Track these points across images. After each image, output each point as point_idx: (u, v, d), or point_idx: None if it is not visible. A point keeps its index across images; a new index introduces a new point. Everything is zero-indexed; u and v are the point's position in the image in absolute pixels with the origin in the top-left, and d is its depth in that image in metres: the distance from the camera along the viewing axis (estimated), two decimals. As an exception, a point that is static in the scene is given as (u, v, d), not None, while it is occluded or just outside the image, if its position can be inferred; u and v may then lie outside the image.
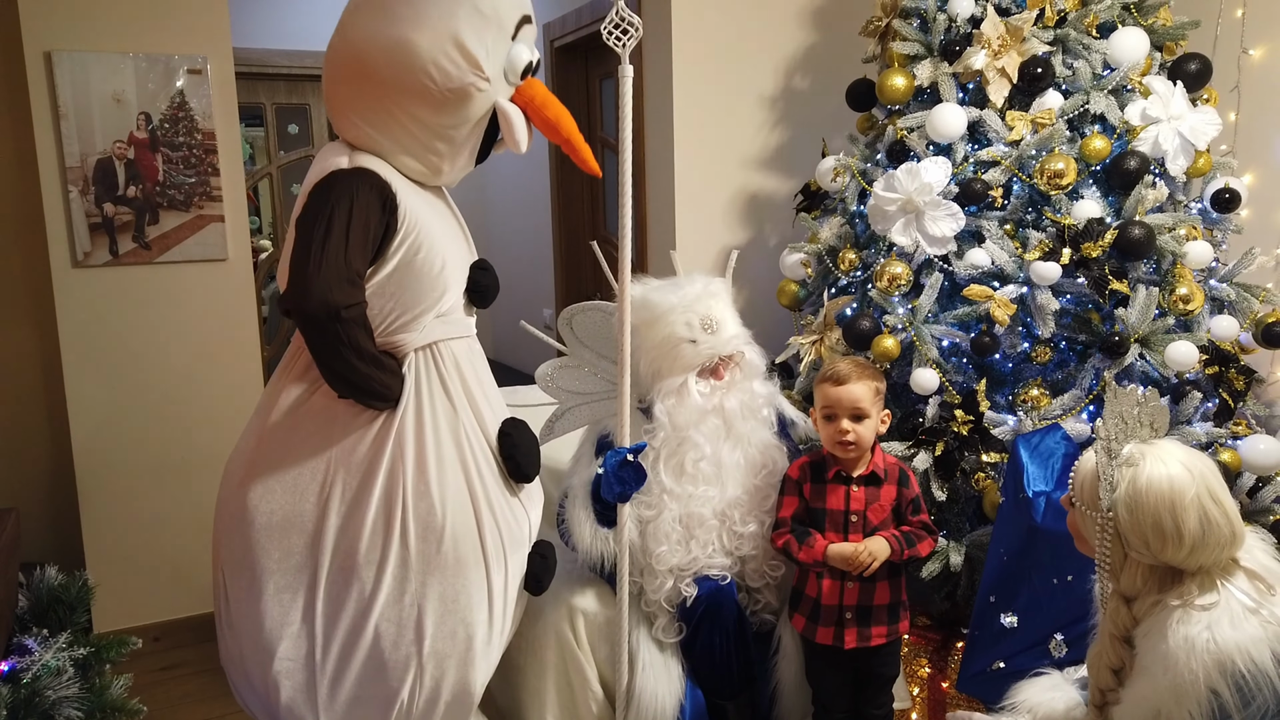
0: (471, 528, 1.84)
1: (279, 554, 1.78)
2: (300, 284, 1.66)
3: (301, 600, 1.79)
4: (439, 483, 1.81)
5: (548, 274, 5.14)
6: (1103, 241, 2.35)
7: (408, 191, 1.81)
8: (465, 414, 1.88)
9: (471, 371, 1.93)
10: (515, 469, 1.95)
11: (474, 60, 1.76)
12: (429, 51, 1.73)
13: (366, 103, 1.79)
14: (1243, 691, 1.40)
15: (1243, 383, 2.45)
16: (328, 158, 1.81)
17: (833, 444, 2.08)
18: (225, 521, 1.85)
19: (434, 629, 1.81)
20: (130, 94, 2.96)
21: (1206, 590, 1.46)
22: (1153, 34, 2.59)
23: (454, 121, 1.81)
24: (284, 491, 1.79)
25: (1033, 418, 2.40)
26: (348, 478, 1.78)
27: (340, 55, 1.80)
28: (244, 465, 1.84)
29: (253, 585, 1.79)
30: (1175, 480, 1.47)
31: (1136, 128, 2.46)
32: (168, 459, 3.14)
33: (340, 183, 1.73)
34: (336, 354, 1.69)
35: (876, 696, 2.18)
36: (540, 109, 1.88)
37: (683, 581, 2.18)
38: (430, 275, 1.82)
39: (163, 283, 3.08)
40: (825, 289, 2.82)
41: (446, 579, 1.82)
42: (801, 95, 3.50)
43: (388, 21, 1.74)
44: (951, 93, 2.60)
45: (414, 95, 1.76)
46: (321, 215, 1.69)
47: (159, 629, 3.14)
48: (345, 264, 1.67)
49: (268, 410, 1.85)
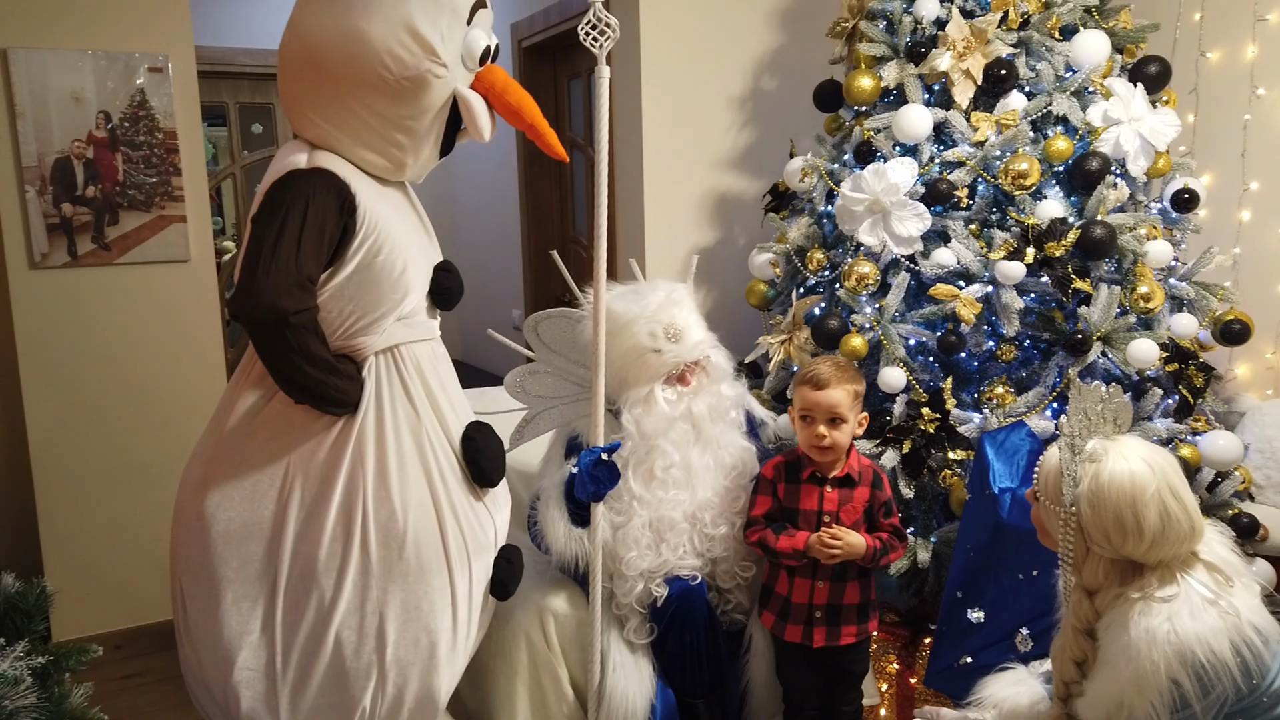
0: (434, 533, 1.82)
1: (237, 562, 1.75)
2: (248, 288, 1.62)
3: (261, 609, 1.76)
4: (400, 488, 1.79)
5: (516, 274, 5.12)
6: (1065, 241, 2.38)
7: (368, 191, 1.78)
8: (428, 418, 1.86)
9: (434, 375, 1.90)
10: (479, 473, 1.93)
11: (429, 46, 1.73)
12: (382, 40, 1.70)
13: (323, 98, 1.75)
14: (1203, 681, 1.42)
15: (1202, 379, 2.50)
16: (285, 156, 1.77)
17: (809, 447, 2.09)
18: (182, 529, 1.81)
19: (396, 636, 1.79)
20: (89, 92, 2.91)
21: (1166, 583, 1.49)
22: (1114, 37, 2.63)
23: (413, 111, 1.78)
24: (241, 498, 1.76)
25: (998, 415, 2.43)
26: (306, 484, 1.76)
27: (293, 51, 1.77)
28: (200, 472, 1.80)
29: (211, 594, 1.75)
30: (1136, 476, 1.49)
31: (1098, 129, 2.50)
32: (128, 464, 3.08)
33: (296, 183, 1.69)
34: (287, 360, 1.66)
35: (846, 693, 2.20)
36: (501, 94, 1.85)
37: (653, 583, 2.18)
38: (391, 278, 1.79)
39: (123, 284, 3.03)
40: (794, 289, 2.83)
41: (409, 585, 1.79)
42: (769, 96, 3.51)
43: (338, 12, 1.71)
44: (917, 94, 2.63)
45: (370, 87, 1.72)
46: (275, 217, 1.66)
47: (120, 637, 3.08)
48: (296, 268, 1.64)
49: (224, 416, 1.82)
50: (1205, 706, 1.44)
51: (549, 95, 4.61)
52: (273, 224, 1.65)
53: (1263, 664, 1.46)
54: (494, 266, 5.57)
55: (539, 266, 4.87)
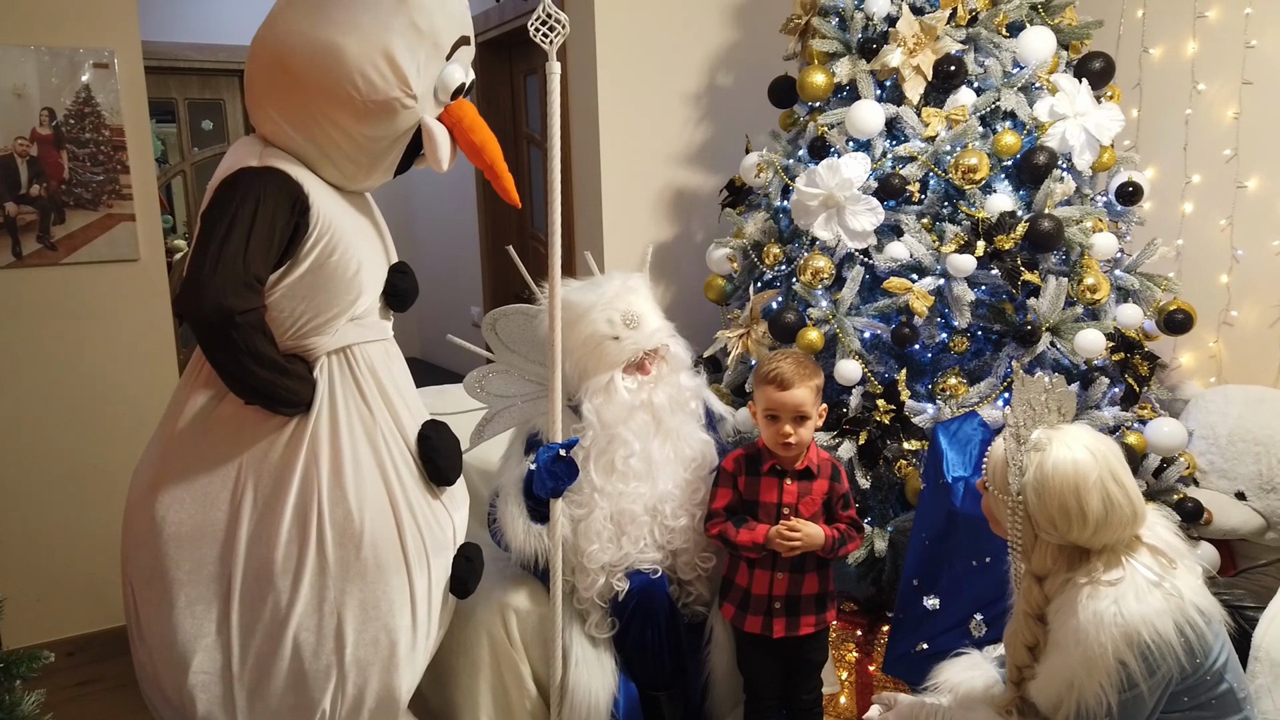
0: (391, 532, 1.82)
1: (190, 565, 1.73)
2: (194, 287, 1.61)
3: (215, 611, 1.74)
4: (355, 487, 1.78)
5: (475, 271, 5.10)
6: (1014, 234, 2.43)
7: (321, 192, 1.77)
8: (382, 417, 1.85)
9: (388, 375, 1.90)
10: (435, 472, 1.92)
11: (402, 76, 1.73)
12: (357, 60, 1.69)
13: (287, 101, 1.75)
14: (1148, 661, 1.47)
15: (1147, 368, 2.56)
16: (237, 153, 1.76)
17: (775, 444, 2.11)
18: (133, 533, 1.79)
19: (355, 636, 1.78)
20: (32, 88, 2.84)
21: (1112, 567, 1.53)
22: (1059, 33, 2.69)
23: (376, 134, 1.78)
24: (193, 500, 1.74)
25: (951, 406, 2.47)
26: (259, 484, 1.74)
27: (266, 47, 1.75)
28: (150, 474, 1.78)
29: (164, 598, 1.73)
30: (1079, 464, 1.53)
31: (1045, 124, 2.55)
32: (79, 467, 3.03)
33: (246, 181, 1.68)
34: (235, 360, 1.65)
35: (806, 682, 2.23)
36: (467, 132, 1.86)
37: (614, 576, 2.19)
38: (344, 278, 1.78)
39: (71, 285, 2.96)
40: (751, 283, 2.85)
41: (366, 585, 1.79)
42: (725, 92, 3.53)
43: (319, 22, 1.70)
44: (869, 90, 2.66)
45: (336, 101, 1.72)
46: (224, 216, 1.64)
47: (73, 644, 3.03)
48: (244, 268, 1.63)
49: (174, 417, 1.80)
50: (1151, 686, 1.49)
51: (505, 91, 4.59)
52: (221, 222, 1.64)
53: (1205, 643, 1.51)
54: (452, 263, 5.54)
55: (497, 263, 4.85)
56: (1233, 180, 2.90)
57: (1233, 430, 2.68)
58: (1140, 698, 1.48)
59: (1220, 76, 2.90)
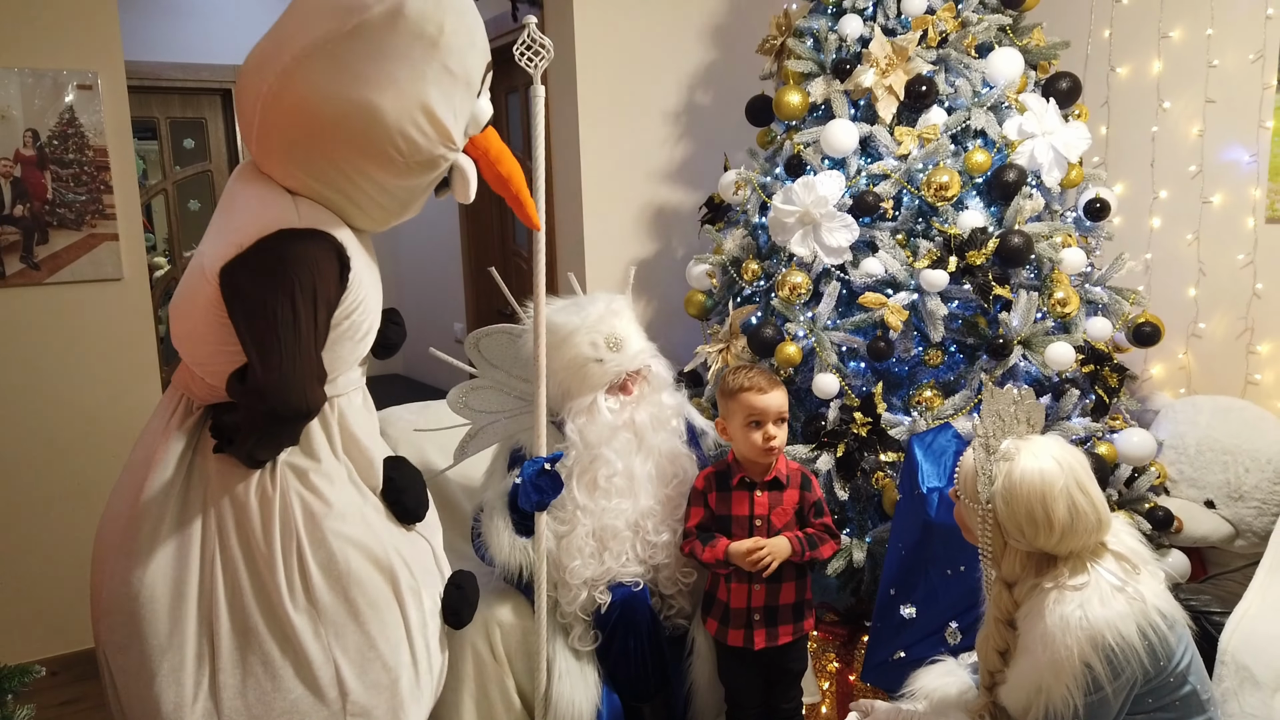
0: (377, 569, 1.74)
1: (168, 628, 1.62)
2: (275, 385, 1.50)
3: (204, 676, 1.63)
4: (335, 530, 1.70)
5: (458, 288, 5.13)
6: (986, 250, 2.48)
7: (355, 249, 1.69)
8: (356, 459, 1.80)
9: (356, 416, 1.82)
10: (404, 513, 1.86)
11: (444, 131, 1.63)
12: (396, 120, 1.57)
13: (313, 159, 1.61)
14: (1113, 664, 1.51)
15: (1116, 380, 2.62)
16: (268, 205, 1.62)
17: (759, 451, 2.14)
18: (103, 599, 1.67)
19: (356, 682, 1.70)
20: (16, 110, 2.86)
21: (1078, 573, 1.58)
22: (1027, 54, 2.76)
23: (414, 184, 1.71)
24: (167, 560, 1.63)
25: (927, 418, 2.52)
26: (236, 531, 1.65)
27: (286, 105, 1.57)
28: (119, 535, 1.66)
29: (143, 667, 1.62)
30: (1046, 473, 1.58)
31: (1014, 142, 2.62)
32: (62, 487, 3.03)
33: (296, 250, 1.55)
34: (277, 444, 1.60)
35: (786, 691, 2.26)
36: (494, 163, 1.81)
37: (596, 590, 2.22)
38: (355, 338, 1.73)
39: (54, 304, 2.98)
40: (730, 299, 2.90)
41: (362, 626, 1.71)
42: (704, 111, 3.59)
43: (349, 82, 1.54)
44: (844, 109, 2.72)
45: (374, 162, 1.61)
46: (283, 295, 1.52)
47: (55, 663, 3.02)
48: (318, 359, 1.55)
49: (142, 468, 1.69)
50: (1116, 688, 1.53)
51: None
52: (283, 302, 1.52)
53: (1168, 646, 1.56)
54: (435, 281, 5.57)
55: (480, 280, 4.88)
56: (1198, 196, 2.97)
57: (1201, 440, 2.74)
58: (1105, 700, 1.52)
59: (1185, 95, 2.98)
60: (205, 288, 1.59)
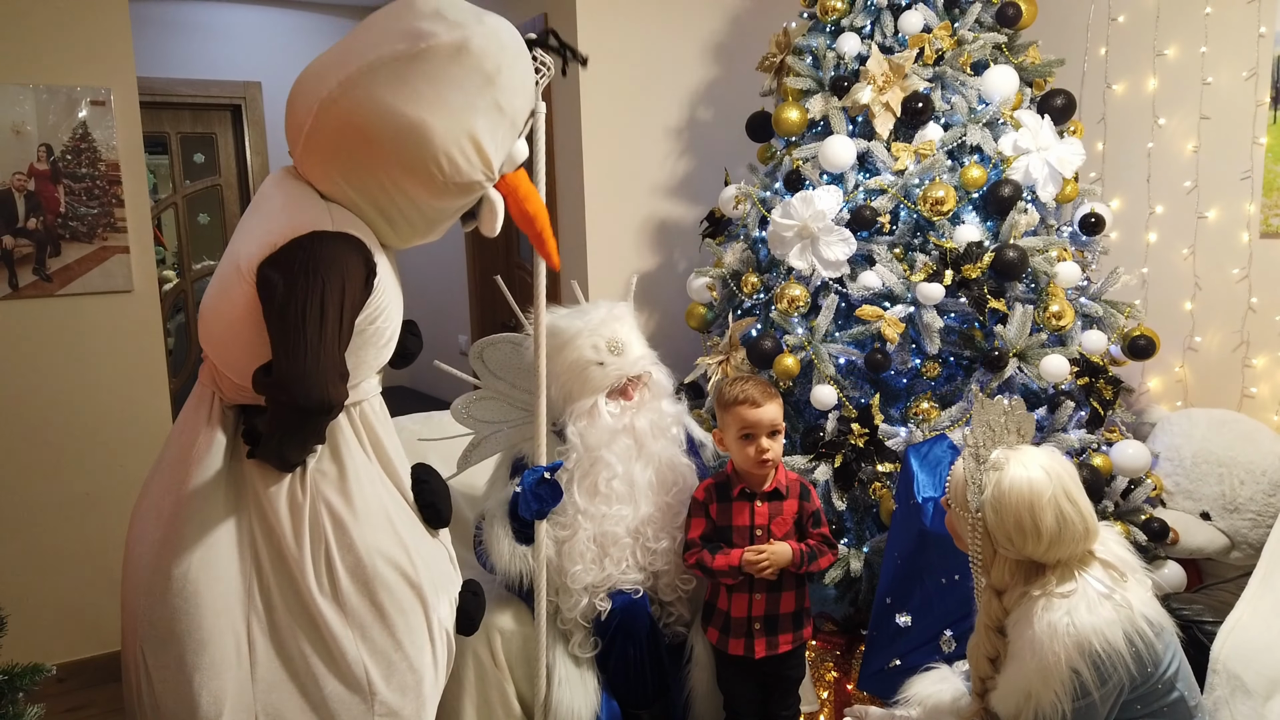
0: (403, 574, 1.79)
1: (210, 623, 1.65)
2: (297, 378, 1.54)
3: (242, 671, 1.67)
4: (362, 535, 1.74)
5: (462, 300, 5.18)
6: (981, 263, 2.52)
7: (382, 259, 1.74)
8: (377, 464, 1.84)
9: (380, 421, 1.88)
10: (435, 515, 1.91)
11: (486, 159, 1.72)
12: (443, 141, 1.65)
13: (357, 167, 1.68)
14: (1100, 670, 1.54)
15: (1111, 392, 2.64)
16: (303, 207, 1.68)
17: (753, 463, 2.18)
18: (143, 592, 1.69)
19: (383, 684, 1.74)
20: (31, 125, 2.92)
21: (1065, 580, 1.61)
22: (1023, 71, 2.81)
23: (447, 206, 1.77)
24: (211, 555, 1.67)
25: (924, 429, 2.55)
26: (269, 535, 1.70)
27: (342, 110, 1.64)
28: (162, 529, 1.69)
29: (183, 661, 1.65)
30: (1034, 483, 1.61)
31: (1009, 158, 2.66)
32: (72, 495, 3.07)
33: (328, 251, 1.61)
34: (304, 443, 1.63)
35: (784, 699, 2.29)
36: (521, 201, 1.88)
37: (597, 597, 2.25)
38: (378, 344, 1.77)
39: (65, 315, 3.03)
40: (730, 311, 2.94)
41: (390, 629, 1.75)
42: (705, 127, 3.64)
43: (407, 97, 1.62)
44: (841, 125, 2.76)
45: (416, 178, 1.68)
46: (312, 292, 1.57)
47: (64, 670, 3.05)
48: (340, 357, 1.59)
49: (181, 464, 1.72)
50: (1103, 694, 1.56)
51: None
52: (311, 300, 1.57)
53: (1154, 653, 1.59)
54: (440, 292, 5.61)
55: (484, 292, 4.93)
56: (1194, 211, 3.01)
57: (1197, 452, 2.77)
58: (1093, 706, 1.55)
59: (1180, 111, 3.02)
60: (242, 285, 1.64)
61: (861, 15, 2.82)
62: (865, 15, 2.83)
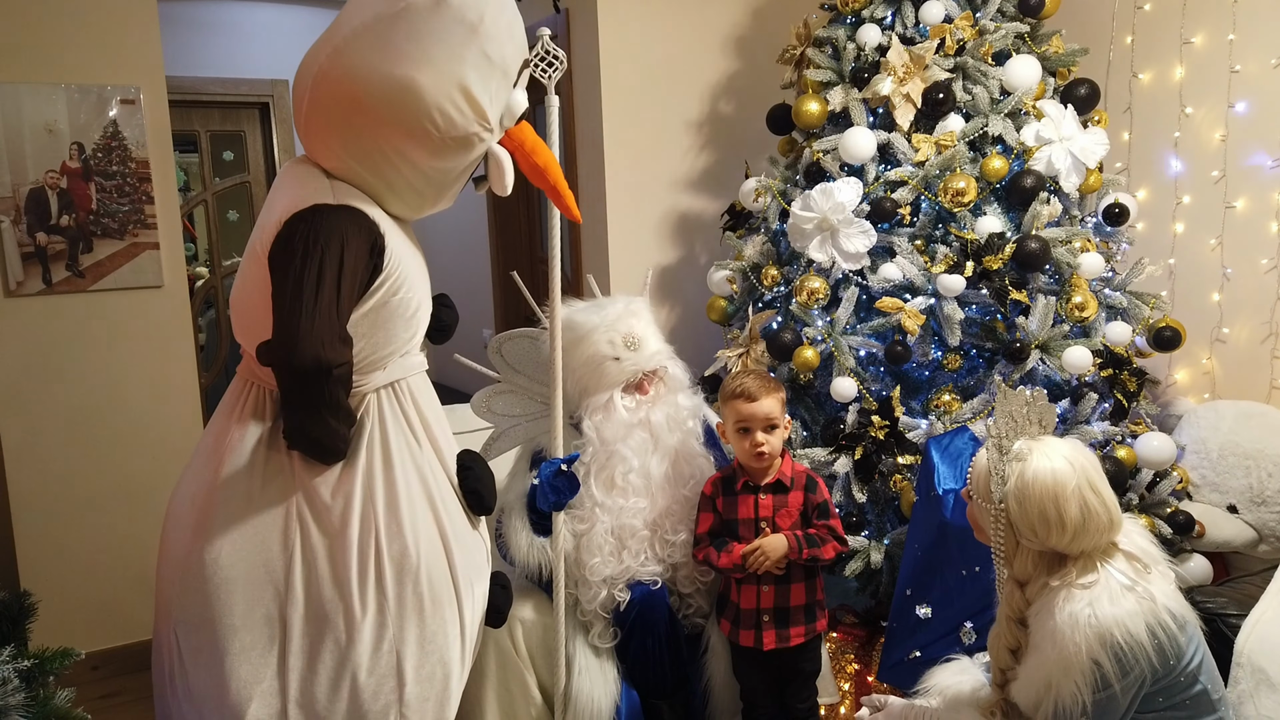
0: (443, 564, 1.79)
1: (243, 608, 1.67)
2: (290, 338, 1.55)
3: (272, 656, 1.68)
4: (411, 522, 1.75)
5: (486, 294, 5.21)
6: (1003, 255, 2.51)
7: (391, 230, 1.74)
8: (427, 448, 1.84)
9: (429, 406, 1.89)
10: (479, 502, 1.90)
11: (480, 110, 1.70)
12: (434, 96, 1.65)
13: (356, 137, 1.69)
14: (1121, 662, 1.53)
15: (1135, 384, 2.62)
16: (304, 185, 1.70)
17: (749, 456, 2.19)
18: (178, 576, 1.71)
19: (413, 674, 1.74)
20: (63, 124, 2.98)
21: (1088, 571, 1.60)
22: (1045, 61, 2.78)
23: (448, 166, 1.76)
24: (245, 541, 1.68)
25: (945, 421, 2.54)
26: (316, 522, 1.70)
27: (331, 81, 1.67)
28: (195, 515, 1.71)
29: (215, 644, 1.67)
30: (1058, 473, 1.61)
31: (1031, 148, 2.64)
32: (103, 487, 3.13)
33: (327, 222, 1.62)
34: (314, 411, 1.62)
35: (800, 691, 2.29)
36: (530, 154, 1.86)
37: (615, 589, 2.26)
38: (405, 316, 1.77)
39: (97, 311, 3.09)
40: (750, 304, 2.94)
41: (424, 620, 1.76)
42: (725, 120, 3.64)
43: (390, 57, 1.63)
44: (862, 117, 2.76)
45: (412, 138, 1.68)
46: (310, 260, 1.59)
47: (96, 658, 3.11)
48: (339, 319, 1.60)
49: (216, 454, 1.74)
50: (1125, 686, 1.55)
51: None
52: (309, 266, 1.58)
53: (1177, 646, 1.57)
54: (464, 287, 5.65)
55: (508, 286, 4.95)
56: (1221, 201, 2.97)
57: (1223, 445, 2.73)
58: (1114, 697, 1.54)
59: (1207, 101, 2.98)
60: (257, 267, 1.67)
61: (882, 6, 2.81)
62: (886, 6, 2.81)
